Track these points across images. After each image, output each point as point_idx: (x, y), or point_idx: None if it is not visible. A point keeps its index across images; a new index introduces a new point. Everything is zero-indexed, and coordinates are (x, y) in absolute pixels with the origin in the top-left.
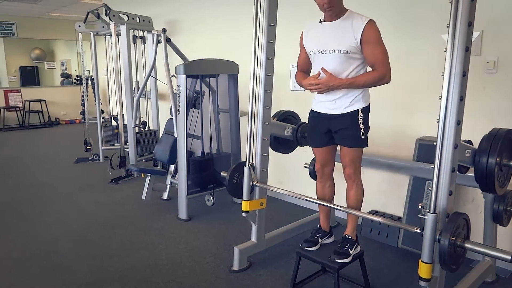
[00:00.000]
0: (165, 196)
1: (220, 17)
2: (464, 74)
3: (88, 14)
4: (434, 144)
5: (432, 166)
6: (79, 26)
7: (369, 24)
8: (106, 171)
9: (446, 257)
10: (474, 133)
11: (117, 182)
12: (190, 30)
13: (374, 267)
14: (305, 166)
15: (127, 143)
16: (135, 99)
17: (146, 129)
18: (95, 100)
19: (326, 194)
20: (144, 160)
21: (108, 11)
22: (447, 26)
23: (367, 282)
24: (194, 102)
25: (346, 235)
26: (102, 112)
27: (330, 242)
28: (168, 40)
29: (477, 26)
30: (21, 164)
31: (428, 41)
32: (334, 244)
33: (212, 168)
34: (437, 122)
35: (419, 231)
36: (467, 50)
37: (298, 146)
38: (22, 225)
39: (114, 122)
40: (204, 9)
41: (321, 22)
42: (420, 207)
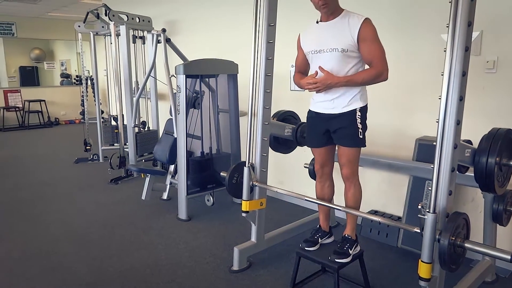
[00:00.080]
0: (164, 196)
1: (219, 17)
2: (463, 74)
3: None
4: (434, 144)
5: (431, 166)
6: (79, 26)
7: (365, 22)
8: (106, 171)
9: (445, 256)
10: (474, 133)
11: (116, 182)
12: (190, 30)
13: (373, 267)
14: (304, 166)
15: (127, 143)
16: (135, 99)
17: (146, 129)
18: (95, 100)
19: (326, 194)
20: (143, 160)
21: (107, 11)
22: (447, 26)
23: (367, 282)
24: (193, 102)
25: (346, 235)
26: (102, 112)
27: (330, 242)
28: (167, 40)
29: (476, 26)
30: (20, 164)
31: (428, 41)
32: (334, 244)
33: (211, 168)
34: (436, 122)
35: (419, 231)
36: (467, 50)
37: (298, 146)
38: (22, 225)
39: (113, 122)
40: (203, 9)
41: (317, 22)
42: (419, 207)
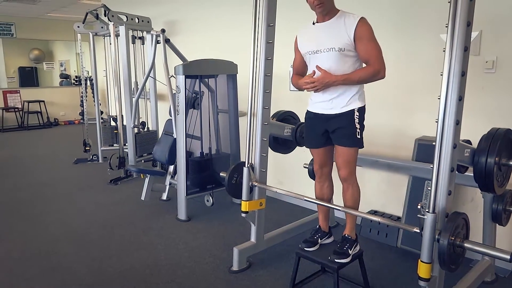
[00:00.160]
0: (164, 196)
1: (219, 17)
2: (463, 74)
3: (87, 14)
4: (433, 144)
5: (431, 166)
6: (78, 27)
7: (361, 21)
8: (105, 172)
9: (445, 256)
10: (473, 132)
11: (116, 182)
12: (189, 31)
13: (373, 267)
14: (304, 166)
15: (126, 144)
16: (134, 100)
17: (145, 129)
18: (94, 100)
19: (325, 194)
20: (143, 160)
21: (107, 12)
22: (446, 26)
23: (367, 282)
24: (193, 103)
25: (346, 235)
26: (101, 112)
27: (330, 242)
28: (167, 40)
29: (476, 26)
30: (20, 164)
31: (427, 41)
32: (334, 244)
33: (211, 168)
34: (436, 122)
35: (419, 231)
36: (466, 50)
37: (297, 146)
38: (21, 225)
39: (113, 123)
40: (203, 9)
41: (314, 24)
42: (419, 207)
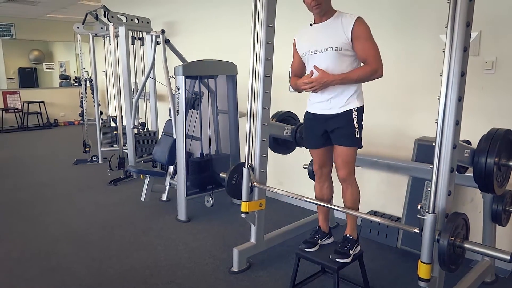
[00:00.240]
0: (164, 197)
1: (218, 18)
2: (462, 74)
3: (86, 15)
4: (433, 144)
5: (431, 167)
6: (78, 28)
7: (358, 20)
8: (105, 173)
9: (445, 257)
10: (473, 133)
11: (116, 183)
12: (189, 31)
13: (373, 268)
14: (304, 167)
15: (126, 144)
16: (134, 100)
17: (145, 130)
18: (94, 101)
19: (325, 195)
20: (143, 161)
21: (106, 13)
22: (445, 27)
23: (367, 283)
24: (193, 103)
25: (347, 235)
26: (101, 113)
27: (329, 243)
28: (166, 41)
29: (475, 26)
30: (20, 165)
31: (427, 41)
32: (334, 244)
33: (211, 169)
34: (436, 122)
35: (418, 232)
36: (466, 50)
37: (297, 147)
38: (21, 225)
39: (113, 124)
40: (203, 10)
41: (311, 25)
42: (419, 208)
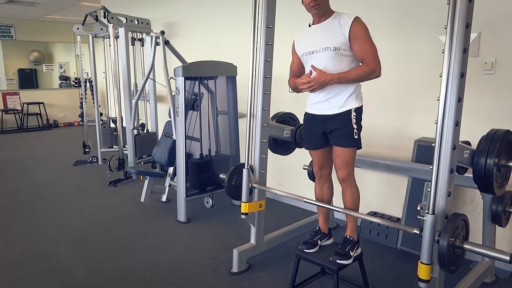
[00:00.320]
0: (164, 198)
1: (218, 19)
2: (462, 75)
3: (86, 16)
4: (433, 145)
5: (430, 167)
6: (78, 29)
7: (355, 20)
8: (105, 174)
9: (445, 258)
10: (473, 134)
11: (115, 184)
12: (189, 32)
13: (373, 269)
14: (303, 168)
15: (126, 146)
16: (134, 101)
17: (145, 131)
18: (94, 102)
19: (325, 196)
20: (142, 162)
21: (106, 14)
22: (445, 28)
23: (366, 284)
24: (192, 104)
25: (347, 236)
26: (101, 114)
27: (329, 243)
28: (166, 42)
29: (475, 27)
30: (20, 166)
31: (427, 41)
32: (333, 245)
33: (211, 170)
34: (435, 123)
35: (418, 232)
36: (465, 51)
37: (297, 148)
38: (21, 226)
39: (112, 125)
40: (202, 11)
41: (310, 26)
42: (419, 208)
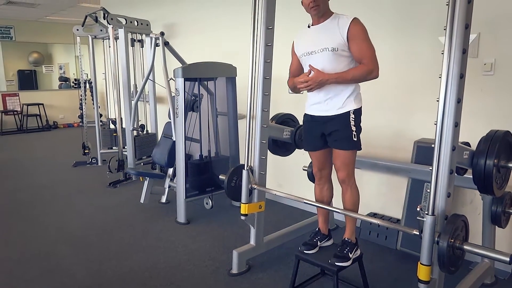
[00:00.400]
0: (163, 199)
1: (218, 20)
2: (461, 76)
3: (86, 17)
4: (432, 146)
5: (430, 168)
6: (77, 30)
7: (354, 21)
8: (105, 175)
9: (445, 259)
10: (472, 135)
11: (115, 185)
12: (188, 33)
13: (373, 270)
14: (303, 169)
15: (125, 147)
16: (133, 103)
17: (144, 132)
18: (93, 103)
19: (325, 197)
20: (142, 163)
21: (106, 15)
22: (444, 29)
23: (366, 285)
24: (192, 105)
25: (346, 238)
26: (100, 115)
27: (329, 245)
28: (166, 43)
29: (474, 28)
30: (19, 167)
31: (427, 42)
32: (333, 247)
33: (210, 171)
34: (435, 124)
35: (418, 233)
36: (464, 52)
37: (297, 149)
38: (21, 227)
39: (112, 126)
40: (202, 12)
41: (309, 27)
42: (418, 209)
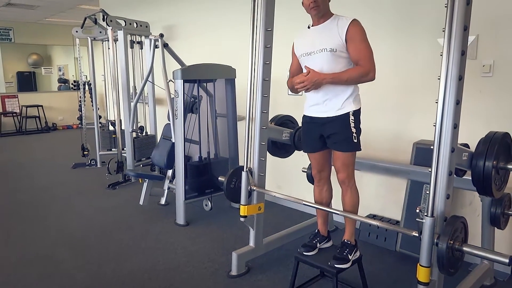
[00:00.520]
0: (162, 201)
1: (217, 22)
2: (460, 78)
3: (85, 19)
4: (431, 147)
5: (429, 170)
6: (77, 32)
7: (353, 22)
8: (104, 176)
9: (444, 260)
10: (471, 136)
11: (114, 187)
12: (188, 35)
13: (372, 271)
14: (302, 170)
15: (125, 148)
16: (133, 104)
17: (144, 134)
18: (93, 105)
19: (324, 198)
20: (141, 165)
21: (105, 17)
22: (443, 30)
23: (366, 286)
24: (191, 107)
25: (345, 240)
26: (100, 117)
27: (328, 246)
28: (165, 45)
29: (472, 30)
30: (18, 169)
31: (427, 43)
32: (333, 248)
33: (210, 173)
34: (434, 125)
35: (417, 235)
36: (463, 54)
37: (296, 151)
38: (20, 229)
39: (111, 127)
40: (201, 14)
41: (309, 27)
42: (418, 211)
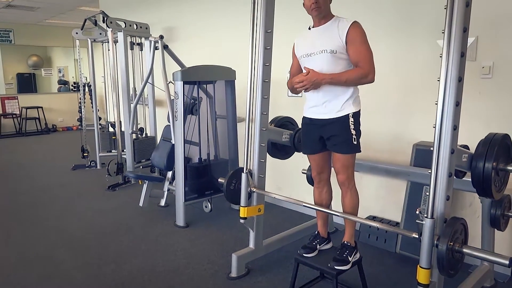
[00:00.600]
0: (162, 202)
1: (217, 23)
2: (459, 79)
3: (85, 21)
4: (431, 149)
5: (429, 171)
6: (77, 33)
7: (353, 24)
8: (104, 178)
9: (444, 262)
10: (471, 138)
11: (114, 189)
12: (187, 37)
13: (372, 273)
14: (302, 172)
15: (125, 150)
16: (133, 106)
17: (144, 135)
18: (92, 106)
19: (324, 200)
20: (141, 166)
21: (105, 18)
22: (442, 32)
23: None
24: (191, 109)
25: (345, 242)
26: (100, 118)
27: (328, 248)
28: (165, 46)
29: (472, 31)
30: (18, 170)
31: (427, 43)
32: (332, 250)
33: (209, 174)
34: (433, 127)
35: (417, 237)
36: (463, 55)
37: (296, 152)
38: (19, 230)
39: (111, 129)
40: (201, 15)
41: (309, 29)
42: (417, 212)
